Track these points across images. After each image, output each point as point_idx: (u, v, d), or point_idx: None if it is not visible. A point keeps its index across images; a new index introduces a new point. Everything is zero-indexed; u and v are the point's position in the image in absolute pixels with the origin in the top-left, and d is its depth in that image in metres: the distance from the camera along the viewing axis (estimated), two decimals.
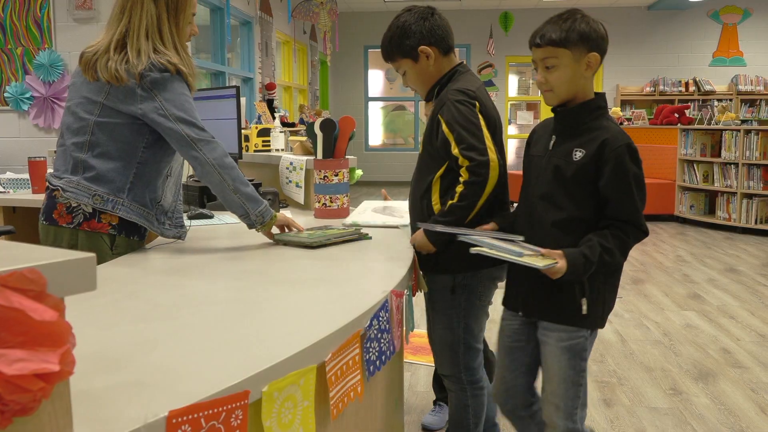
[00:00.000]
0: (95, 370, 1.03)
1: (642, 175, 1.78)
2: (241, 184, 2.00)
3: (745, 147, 7.38)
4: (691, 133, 7.99)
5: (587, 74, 1.82)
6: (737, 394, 3.16)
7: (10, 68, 5.44)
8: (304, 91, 10.90)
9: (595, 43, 1.82)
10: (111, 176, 1.99)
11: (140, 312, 1.39)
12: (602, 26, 1.87)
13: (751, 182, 7.37)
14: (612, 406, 3.04)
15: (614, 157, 1.74)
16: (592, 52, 1.81)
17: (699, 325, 4.23)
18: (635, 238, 1.79)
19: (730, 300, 4.80)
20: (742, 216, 7.46)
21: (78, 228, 1.99)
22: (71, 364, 0.72)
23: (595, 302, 1.81)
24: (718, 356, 3.67)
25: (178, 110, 1.94)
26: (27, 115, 5.48)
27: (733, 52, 12.15)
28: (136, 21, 1.99)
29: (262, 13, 8.31)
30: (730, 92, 11.97)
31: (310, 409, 1.16)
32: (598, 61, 1.82)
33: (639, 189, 1.77)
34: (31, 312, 0.68)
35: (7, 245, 0.82)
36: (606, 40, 1.86)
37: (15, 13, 5.36)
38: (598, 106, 1.85)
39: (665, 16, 12.24)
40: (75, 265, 0.74)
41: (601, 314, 1.86)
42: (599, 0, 11.72)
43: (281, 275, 1.77)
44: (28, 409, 0.70)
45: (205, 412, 0.92)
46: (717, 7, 11.98)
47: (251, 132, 4.02)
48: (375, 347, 1.45)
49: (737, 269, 5.77)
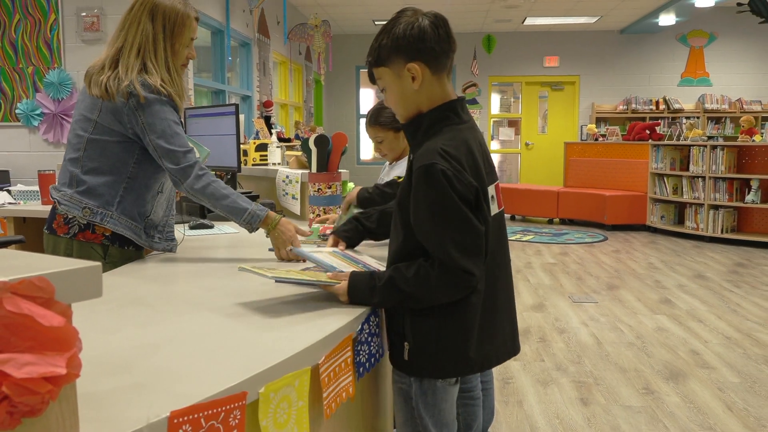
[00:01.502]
0: (100, 372, 1.02)
1: (447, 201, 1.39)
2: (218, 200, 1.95)
3: (711, 161, 7.44)
4: (662, 149, 8.05)
5: (417, 86, 1.49)
6: (706, 393, 3.17)
7: (21, 86, 5.42)
8: (299, 109, 10.90)
9: (411, 50, 1.47)
10: (101, 190, 1.98)
11: (143, 318, 1.38)
12: (426, 21, 1.47)
13: (718, 194, 7.43)
14: (589, 405, 3.05)
15: (415, 179, 1.43)
16: (410, 63, 1.48)
17: (669, 328, 4.25)
18: (443, 278, 1.40)
19: (698, 304, 4.83)
20: (709, 226, 7.51)
21: (74, 238, 1.99)
22: (78, 367, 0.72)
23: (421, 349, 1.48)
24: (688, 357, 3.68)
25: (158, 137, 1.91)
26: (37, 131, 5.46)
27: (700, 73, 12.26)
28: (131, 39, 1.97)
29: (260, 35, 8.32)
30: (697, 110, 12.07)
31: (305, 409, 1.15)
32: (421, 71, 1.48)
33: (440, 218, 1.40)
34: (40, 318, 0.68)
35: (17, 254, 0.81)
36: (427, 38, 1.46)
37: (26, 34, 5.35)
38: (431, 121, 1.51)
39: (637, 40, 12.35)
40: (82, 273, 0.74)
41: (433, 363, 1.49)
42: (574, 25, 11.81)
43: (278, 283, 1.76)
44: (37, 411, 0.69)
45: (205, 412, 0.92)
46: (685, 31, 12.10)
47: (250, 147, 4.02)
48: (365, 350, 1.45)
49: (705, 276, 5.81)
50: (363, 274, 1.51)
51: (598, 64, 12.45)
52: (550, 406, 3.05)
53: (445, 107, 1.52)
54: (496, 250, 1.54)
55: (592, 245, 7.44)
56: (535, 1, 10.04)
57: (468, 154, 1.45)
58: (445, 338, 1.47)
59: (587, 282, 5.59)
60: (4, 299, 0.66)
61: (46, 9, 5.32)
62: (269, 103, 7.63)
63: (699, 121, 11.82)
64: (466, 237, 1.40)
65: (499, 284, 1.56)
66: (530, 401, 3.11)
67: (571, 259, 6.61)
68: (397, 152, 2.22)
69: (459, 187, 1.39)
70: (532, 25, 11.79)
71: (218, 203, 1.95)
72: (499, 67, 12.55)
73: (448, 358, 1.49)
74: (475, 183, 1.43)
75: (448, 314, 1.46)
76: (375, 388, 1.76)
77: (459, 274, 1.40)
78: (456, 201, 1.39)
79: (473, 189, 1.42)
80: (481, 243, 1.43)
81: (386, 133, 2.19)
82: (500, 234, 1.57)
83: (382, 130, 2.20)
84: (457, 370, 1.53)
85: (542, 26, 11.96)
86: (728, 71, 12.13)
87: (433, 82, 1.51)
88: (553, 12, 10.85)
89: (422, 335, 1.48)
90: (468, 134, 1.51)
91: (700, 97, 12.16)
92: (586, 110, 12.54)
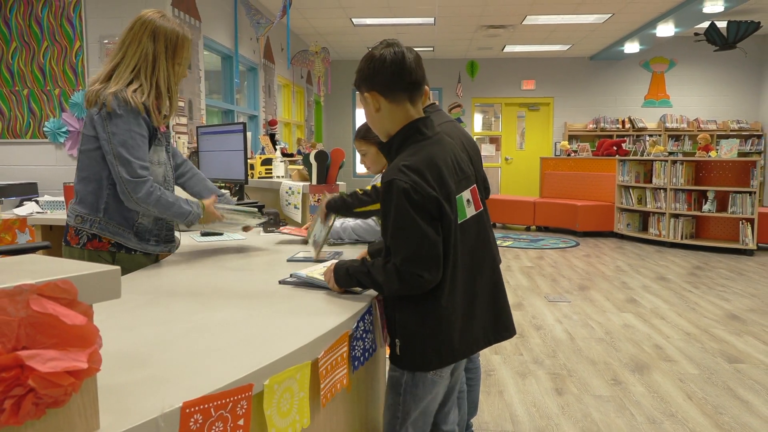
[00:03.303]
0: (119, 367, 1.01)
1: (404, 214, 1.41)
2: (167, 209, 1.93)
3: (672, 175, 7.47)
4: (627, 163, 8.09)
5: (375, 112, 1.53)
6: (668, 384, 3.18)
7: (48, 106, 5.40)
8: (301, 127, 10.91)
9: (368, 82, 1.52)
10: (89, 198, 1.96)
11: (158, 316, 1.38)
12: (387, 56, 1.49)
13: (678, 204, 7.46)
14: (563, 395, 3.04)
15: (381, 193, 1.47)
16: (368, 93, 1.52)
17: (635, 325, 4.25)
18: (399, 277, 1.42)
19: (661, 303, 4.84)
20: (670, 232, 7.54)
21: (84, 247, 1.97)
22: (98, 362, 0.71)
23: (409, 345, 1.51)
24: (652, 351, 3.69)
25: (119, 145, 1.85)
26: (63, 147, 5.44)
27: (661, 95, 12.33)
28: (129, 57, 1.93)
29: (266, 60, 8.33)
30: (659, 129, 12.13)
31: (306, 399, 1.15)
32: (378, 99, 1.51)
33: (397, 230, 1.43)
34: (64, 317, 0.67)
35: (44, 259, 0.81)
36: (382, 72, 1.49)
37: (54, 59, 5.34)
38: (399, 141, 1.53)
39: (605, 65, 12.43)
40: (102, 276, 0.74)
41: (421, 357, 1.51)
42: (549, 52, 11.88)
43: (282, 285, 1.76)
44: (60, 402, 0.69)
45: (215, 402, 0.91)
46: (647, 57, 12.19)
47: (256, 161, 4.02)
48: (360, 345, 1.44)
49: (667, 277, 5.82)
50: (341, 265, 1.56)
51: (570, 87, 12.51)
52: (528, 396, 3.04)
53: (408, 127, 1.53)
54: (475, 247, 1.56)
55: (566, 250, 7.46)
56: (514, 31, 10.10)
57: (430, 167, 1.46)
58: (427, 335, 1.49)
59: (561, 283, 5.59)
60: (30, 300, 0.66)
61: (71, 36, 5.31)
62: (274, 121, 7.62)
63: (661, 138, 11.88)
64: (420, 248, 1.42)
65: (478, 278, 1.57)
66: (510, 391, 3.11)
67: (546, 263, 6.61)
68: (378, 166, 2.21)
69: (416, 198, 1.41)
70: (511, 52, 11.86)
71: (168, 212, 1.94)
72: (482, 89, 12.60)
73: (433, 351, 1.50)
74: (436, 194, 1.44)
75: (426, 313, 1.48)
76: (369, 379, 1.76)
77: (409, 277, 1.42)
78: (411, 214, 1.41)
79: (433, 200, 1.43)
80: (435, 252, 1.43)
81: (370, 147, 2.18)
82: (478, 232, 1.58)
83: (365, 144, 2.19)
84: (442, 360, 1.53)
85: (520, 53, 12.03)
86: (687, 94, 12.22)
87: (393, 109, 1.52)
88: (530, 41, 10.92)
89: (408, 333, 1.50)
90: (433, 149, 1.51)
91: (662, 117, 12.24)
92: (560, 128, 12.59)
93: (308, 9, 8.60)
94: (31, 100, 5.41)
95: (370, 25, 9.71)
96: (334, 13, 8.90)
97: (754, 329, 4.11)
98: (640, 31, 9.93)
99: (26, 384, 0.64)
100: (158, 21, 1.95)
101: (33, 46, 5.35)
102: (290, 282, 1.66)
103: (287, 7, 6.33)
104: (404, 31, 10.13)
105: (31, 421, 0.67)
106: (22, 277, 0.68)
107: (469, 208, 1.55)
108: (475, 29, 10.00)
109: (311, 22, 9.44)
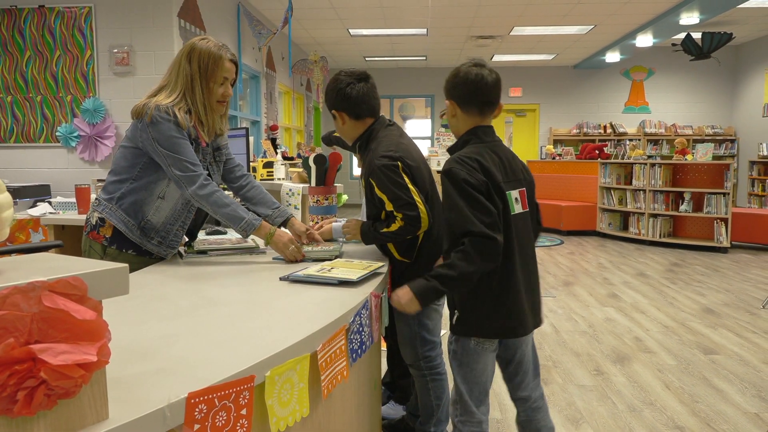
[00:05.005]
0: (127, 359, 1.01)
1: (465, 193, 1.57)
2: (220, 207, 1.93)
3: (651, 177, 7.50)
4: (609, 166, 8.11)
5: (453, 119, 1.74)
6: (647, 374, 3.18)
7: (61, 112, 5.38)
8: (301, 131, 10.89)
9: (449, 93, 1.74)
10: (111, 187, 2.00)
11: (165, 311, 1.37)
12: (470, 74, 1.69)
13: (656, 204, 7.49)
14: (548, 385, 3.05)
15: (441, 181, 1.65)
16: (448, 100, 1.74)
17: (616, 318, 4.26)
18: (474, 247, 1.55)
19: (640, 298, 4.85)
20: (649, 231, 7.56)
21: (88, 235, 2.02)
22: (107, 355, 0.71)
23: (462, 315, 1.66)
24: (632, 343, 3.69)
25: (164, 147, 1.89)
26: (75, 150, 5.43)
27: (640, 102, 12.38)
28: (173, 79, 1.97)
29: (268, 69, 8.32)
30: (639, 134, 12.18)
31: (305, 390, 1.14)
32: (455, 107, 1.72)
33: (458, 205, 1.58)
34: (74, 312, 0.67)
35: (56, 257, 0.80)
36: (462, 86, 1.70)
37: (66, 67, 5.32)
38: (457, 144, 1.73)
39: (588, 74, 12.46)
40: (111, 274, 0.73)
41: (474, 324, 1.65)
42: (535, 61, 11.90)
43: (281, 281, 1.75)
44: (71, 393, 0.68)
45: (218, 393, 0.91)
46: (628, 66, 12.23)
47: (258, 164, 4.01)
48: (357, 339, 1.44)
49: (646, 274, 5.84)
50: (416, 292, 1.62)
51: (555, 94, 12.55)
52: None
53: (472, 132, 1.71)
54: (524, 242, 1.68)
55: (551, 248, 7.47)
56: (502, 41, 10.12)
57: (479, 160, 1.62)
58: (480, 311, 1.63)
59: (547, 279, 5.60)
60: (42, 296, 0.66)
61: (83, 46, 5.29)
62: (275, 126, 7.61)
63: (640, 142, 11.93)
64: (483, 215, 1.55)
65: (525, 268, 1.68)
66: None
67: None
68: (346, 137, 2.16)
69: (471, 180, 1.57)
70: (500, 60, 11.88)
71: (219, 210, 1.94)
72: None
73: (487, 323, 1.64)
74: (484, 178, 1.59)
75: (483, 293, 1.62)
76: (368, 371, 1.76)
77: (483, 245, 1.53)
78: (469, 191, 1.56)
79: (482, 183, 1.59)
80: (494, 218, 1.56)
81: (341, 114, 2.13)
82: (525, 228, 1.70)
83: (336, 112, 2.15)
84: (496, 332, 1.66)
85: (508, 62, 12.06)
86: (665, 101, 12.27)
87: (464, 118, 1.72)
88: (518, 50, 10.95)
89: (465, 308, 1.65)
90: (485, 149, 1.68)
91: (641, 122, 12.28)
92: (545, 133, 12.62)
93: (308, 20, 8.60)
94: (45, 107, 5.39)
95: (366, 36, 9.71)
96: (332, 24, 8.89)
97: (728, 322, 4.13)
98: (620, 42, 9.96)
99: (38, 376, 0.64)
100: (197, 43, 1.97)
101: (46, 54, 5.33)
102: (290, 279, 1.65)
103: (288, 19, 6.32)
104: (398, 41, 10.13)
105: (44, 412, 0.67)
106: (35, 274, 0.68)
107: (517, 205, 1.68)
108: (465, 39, 10.01)
109: (310, 32, 9.43)
